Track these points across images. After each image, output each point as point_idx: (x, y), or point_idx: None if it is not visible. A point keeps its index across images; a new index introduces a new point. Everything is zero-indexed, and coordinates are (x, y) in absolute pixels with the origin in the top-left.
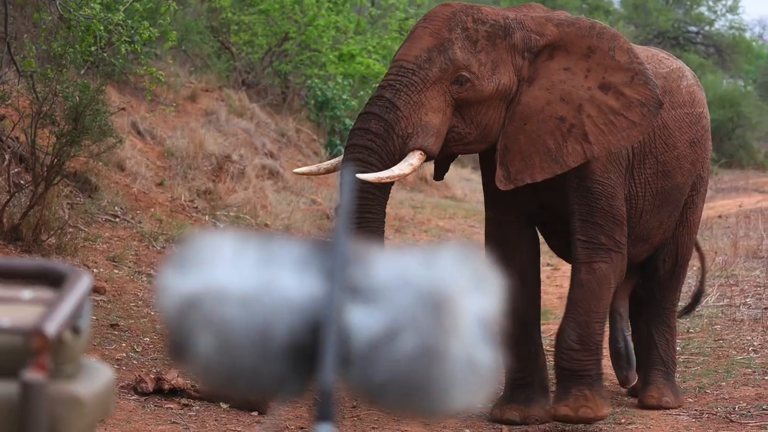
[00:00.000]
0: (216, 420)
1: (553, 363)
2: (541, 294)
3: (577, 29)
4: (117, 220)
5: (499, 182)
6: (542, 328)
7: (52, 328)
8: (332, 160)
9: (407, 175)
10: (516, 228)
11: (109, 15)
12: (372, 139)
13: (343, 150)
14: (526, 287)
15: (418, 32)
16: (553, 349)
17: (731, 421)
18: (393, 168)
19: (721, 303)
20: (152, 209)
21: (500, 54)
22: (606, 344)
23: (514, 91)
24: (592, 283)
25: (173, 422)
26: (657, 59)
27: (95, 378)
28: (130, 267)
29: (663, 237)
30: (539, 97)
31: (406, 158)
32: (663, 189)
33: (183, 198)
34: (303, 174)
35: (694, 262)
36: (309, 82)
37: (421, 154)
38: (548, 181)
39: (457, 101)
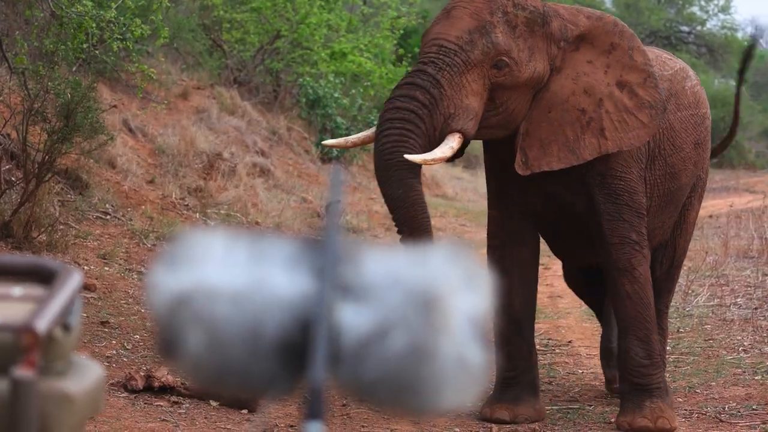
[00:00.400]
0: (206, 418)
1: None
2: None
3: (604, 24)
4: (108, 217)
5: (518, 167)
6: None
7: (42, 325)
8: (362, 133)
9: (447, 159)
10: (519, 227)
11: (101, 12)
12: (419, 107)
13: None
14: (523, 286)
15: (457, 12)
16: (542, 348)
17: (721, 421)
18: (435, 150)
19: (712, 303)
20: (143, 207)
21: (537, 41)
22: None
23: (545, 79)
24: (639, 294)
25: (163, 420)
26: (661, 60)
27: (85, 375)
28: (120, 264)
29: (662, 238)
30: (566, 86)
31: (447, 141)
32: (669, 190)
33: (174, 195)
34: (331, 146)
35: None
36: (300, 80)
37: (460, 136)
38: (560, 177)
39: (493, 85)
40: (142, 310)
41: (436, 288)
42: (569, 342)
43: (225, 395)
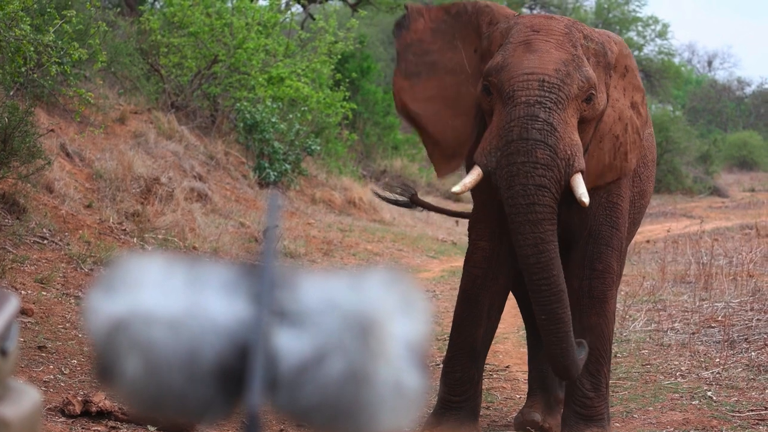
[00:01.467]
0: None
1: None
2: None
3: (622, 48)
4: (45, 242)
5: (583, 198)
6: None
7: None
8: (474, 175)
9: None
10: (505, 258)
11: (39, 36)
12: (543, 174)
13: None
14: (491, 317)
15: (539, 44)
16: (492, 373)
17: None
18: (581, 197)
19: (649, 328)
20: (80, 231)
21: (600, 72)
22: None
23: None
24: (603, 328)
25: None
26: None
27: (22, 400)
28: (57, 289)
29: None
30: (610, 114)
31: (577, 185)
32: (640, 209)
33: (111, 220)
34: (458, 193)
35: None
36: (238, 104)
37: (579, 175)
38: (574, 203)
39: (580, 119)
40: (80, 335)
41: (372, 313)
42: (507, 367)
43: (162, 420)
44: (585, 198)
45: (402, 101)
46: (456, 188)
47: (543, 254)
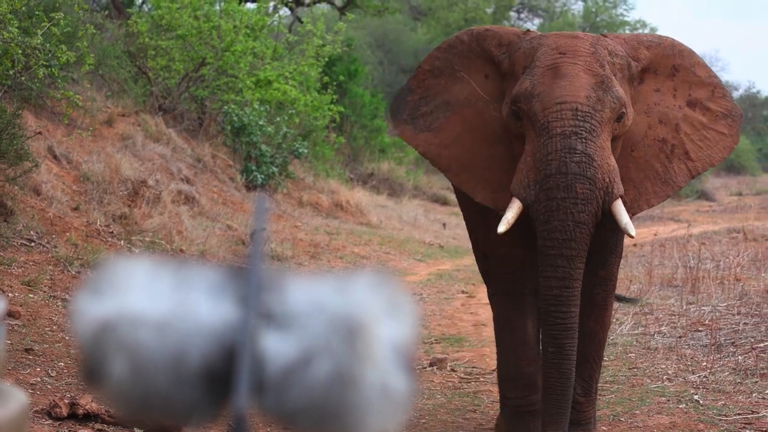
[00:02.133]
0: None
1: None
2: (457, 321)
3: (663, 49)
4: (32, 244)
5: None
6: (457, 355)
7: None
8: (515, 209)
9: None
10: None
11: (27, 39)
12: (582, 210)
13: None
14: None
15: (567, 69)
16: (467, 376)
17: None
18: (629, 228)
19: (636, 331)
20: (68, 234)
21: (625, 86)
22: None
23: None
24: (599, 335)
25: None
26: None
27: (9, 403)
28: (45, 291)
29: None
30: (640, 122)
31: (619, 214)
32: None
33: (98, 223)
34: (504, 232)
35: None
36: (225, 107)
37: (620, 201)
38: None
39: (613, 138)
40: (67, 338)
41: (359, 316)
42: (493, 370)
43: (149, 423)
44: (630, 230)
45: (436, 155)
46: (501, 228)
47: (568, 289)
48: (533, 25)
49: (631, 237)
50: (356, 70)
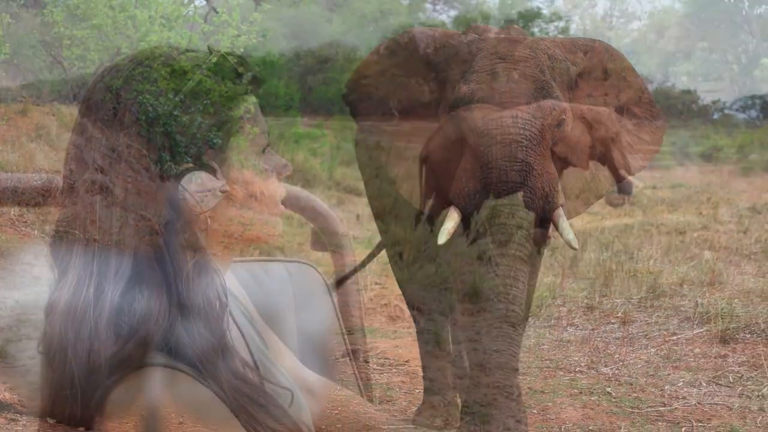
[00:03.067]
0: None
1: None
2: (371, 312)
3: (596, 53)
4: None
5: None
6: (369, 346)
7: None
8: (455, 219)
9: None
10: None
11: None
12: (523, 216)
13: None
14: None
15: (507, 75)
16: (379, 368)
17: None
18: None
19: (549, 323)
20: None
21: (564, 91)
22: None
23: None
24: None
25: None
26: None
27: None
28: None
29: None
30: (575, 128)
31: (562, 226)
32: None
33: (12, 212)
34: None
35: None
36: (140, 97)
37: (561, 210)
38: None
39: (552, 145)
40: None
41: (274, 306)
42: (406, 361)
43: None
44: (574, 243)
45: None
46: (442, 240)
47: (512, 287)
48: (449, 17)
49: (574, 249)
50: (271, 61)
